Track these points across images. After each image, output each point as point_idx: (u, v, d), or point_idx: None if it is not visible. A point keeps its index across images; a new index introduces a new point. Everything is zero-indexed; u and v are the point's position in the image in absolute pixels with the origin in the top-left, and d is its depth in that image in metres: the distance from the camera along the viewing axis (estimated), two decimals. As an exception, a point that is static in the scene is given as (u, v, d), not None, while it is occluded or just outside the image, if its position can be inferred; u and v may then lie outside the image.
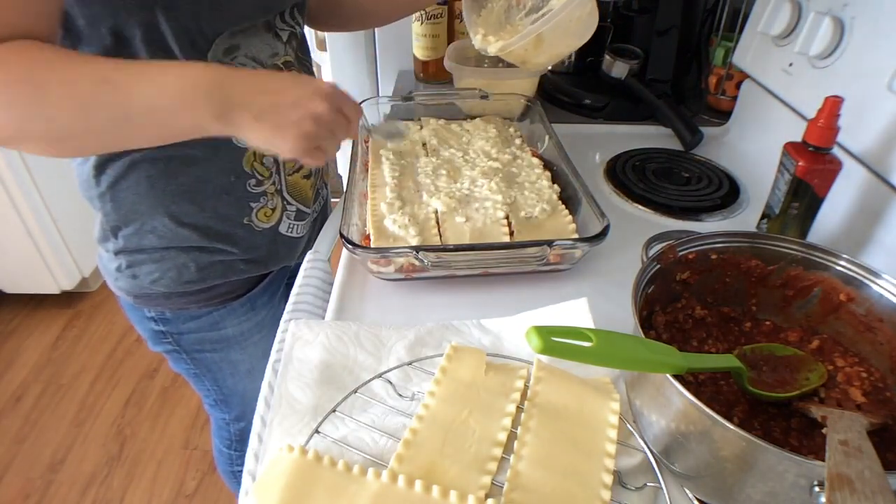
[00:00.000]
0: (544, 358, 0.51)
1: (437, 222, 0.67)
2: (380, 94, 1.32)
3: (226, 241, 0.71)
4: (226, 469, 1.09)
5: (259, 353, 0.85)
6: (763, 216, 0.67)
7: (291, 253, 0.79)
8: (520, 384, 0.49)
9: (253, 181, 0.69)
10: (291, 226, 0.77)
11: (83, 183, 0.67)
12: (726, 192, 0.83)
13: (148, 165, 0.63)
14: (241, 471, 1.05)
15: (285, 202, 0.74)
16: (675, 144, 0.96)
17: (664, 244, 0.52)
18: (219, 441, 1.05)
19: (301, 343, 0.54)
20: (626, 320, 0.45)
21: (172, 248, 0.69)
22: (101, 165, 0.63)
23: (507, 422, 0.46)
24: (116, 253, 0.70)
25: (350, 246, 0.61)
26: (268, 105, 0.48)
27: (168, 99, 0.47)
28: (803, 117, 0.78)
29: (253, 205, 0.71)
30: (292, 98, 0.49)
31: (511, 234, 0.65)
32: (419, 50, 1.15)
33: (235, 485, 1.11)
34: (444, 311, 0.61)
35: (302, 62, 0.73)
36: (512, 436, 0.45)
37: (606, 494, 0.41)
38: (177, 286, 0.71)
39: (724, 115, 1.03)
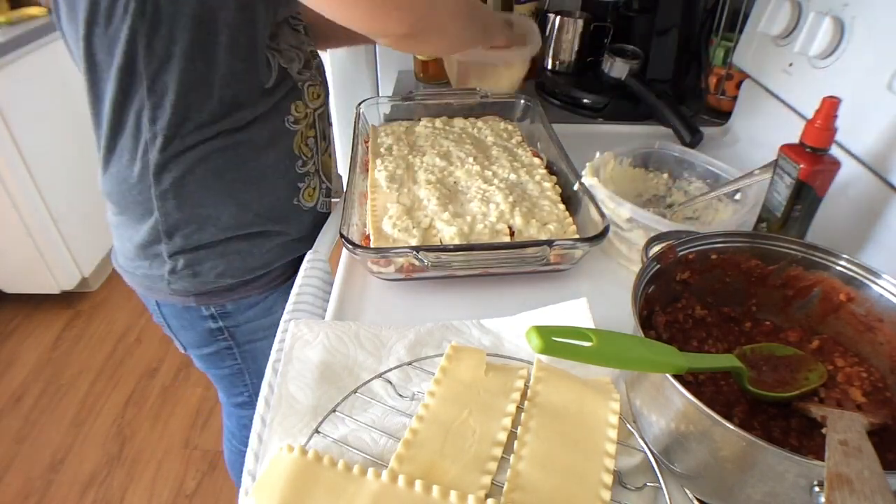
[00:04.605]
0: (544, 358, 0.51)
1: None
2: (380, 94, 1.32)
3: (281, 223, 0.73)
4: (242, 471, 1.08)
5: None
6: (760, 220, 0.66)
7: None
8: (520, 384, 0.49)
9: (300, 162, 0.73)
10: (323, 202, 0.80)
11: (130, 187, 0.65)
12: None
13: (217, 156, 0.64)
14: None
15: (321, 180, 0.79)
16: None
17: (664, 244, 0.52)
18: (237, 443, 1.03)
19: (301, 343, 0.54)
20: (626, 320, 0.45)
21: (234, 238, 0.70)
22: (165, 163, 0.63)
23: (507, 422, 0.46)
24: (171, 255, 0.68)
25: (350, 246, 0.60)
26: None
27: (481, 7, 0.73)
28: (803, 117, 0.78)
29: (300, 185, 0.74)
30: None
31: (511, 234, 0.65)
32: (419, 50, 1.15)
33: None
34: (444, 311, 0.61)
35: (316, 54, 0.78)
36: (512, 436, 0.45)
37: (606, 494, 0.41)
38: (243, 274, 0.72)
39: (724, 115, 1.03)
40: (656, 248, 0.51)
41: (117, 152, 0.64)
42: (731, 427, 0.36)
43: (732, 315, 0.56)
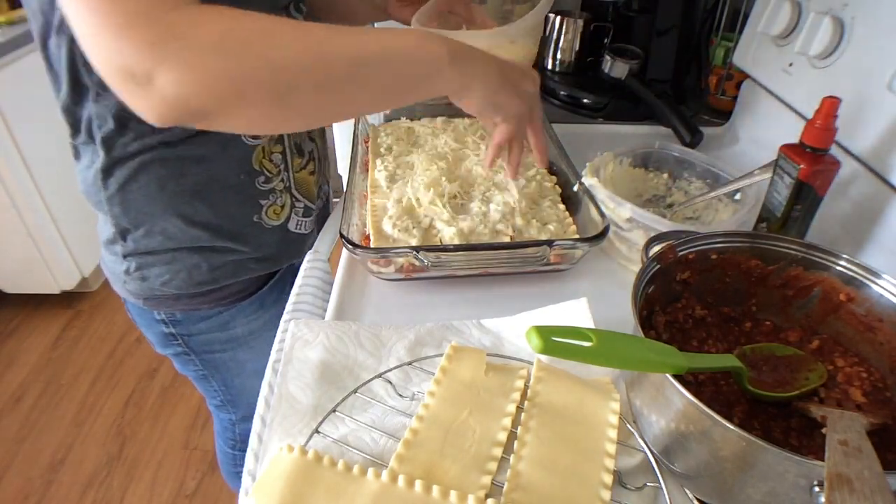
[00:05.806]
0: (544, 358, 0.51)
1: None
2: (380, 94, 1.32)
3: (236, 240, 0.71)
4: (230, 470, 1.09)
5: (267, 351, 0.85)
6: (760, 220, 0.66)
7: (300, 250, 0.80)
8: (520, 384, 0.49)
9: (262, 178, 0.69)
10: (300, 222, 0.77)
11: (89, 187, 0.66)
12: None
13: (158, 166, 0.63)
14: None
15: (294, 199, 0.75)
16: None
17: (664, 244, 0.52)
18: (223, 442, 1.04)
19: (301, 343, 0.54)
20: (626, 320, 0.45)
21: (183, 249, 0.69)
22: (109, 168, 0.63)
23: (507, 422, 0.46)
24: (125, 256, 0.69)
25: (350, 246, 0.61)
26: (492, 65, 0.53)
27: (403, 42, 0.45)
28: (803, 117, 0.78)
29: (262, 202, 0.71)
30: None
31: (511, 234, 0.65)
32: (419, 50, 1.14)
33: (240, 486, 1.11)
34: (444, 311, 0.61)
35: None
36: (512, 436, 0.45)
37: (606, 494, 0.41)
38: (188, 287, 0.71)
39: (724, 115, 1.03)
40: (656, 248, 0.51)
41: (81, 153, 0.65)
42: (731, 427, 0.36)
43: (732, 315, 0.56)
